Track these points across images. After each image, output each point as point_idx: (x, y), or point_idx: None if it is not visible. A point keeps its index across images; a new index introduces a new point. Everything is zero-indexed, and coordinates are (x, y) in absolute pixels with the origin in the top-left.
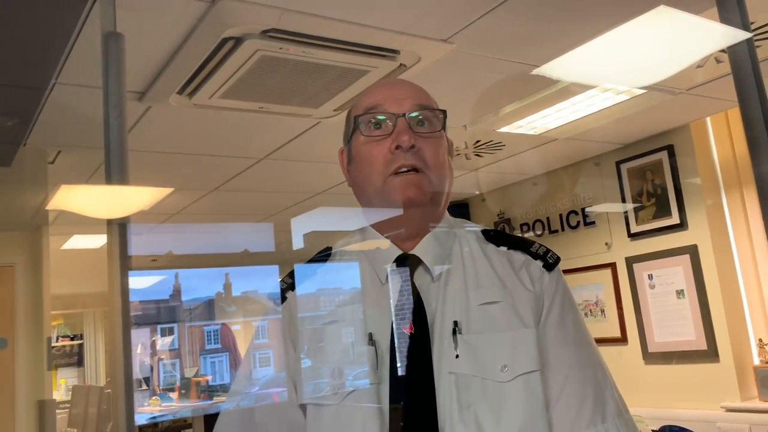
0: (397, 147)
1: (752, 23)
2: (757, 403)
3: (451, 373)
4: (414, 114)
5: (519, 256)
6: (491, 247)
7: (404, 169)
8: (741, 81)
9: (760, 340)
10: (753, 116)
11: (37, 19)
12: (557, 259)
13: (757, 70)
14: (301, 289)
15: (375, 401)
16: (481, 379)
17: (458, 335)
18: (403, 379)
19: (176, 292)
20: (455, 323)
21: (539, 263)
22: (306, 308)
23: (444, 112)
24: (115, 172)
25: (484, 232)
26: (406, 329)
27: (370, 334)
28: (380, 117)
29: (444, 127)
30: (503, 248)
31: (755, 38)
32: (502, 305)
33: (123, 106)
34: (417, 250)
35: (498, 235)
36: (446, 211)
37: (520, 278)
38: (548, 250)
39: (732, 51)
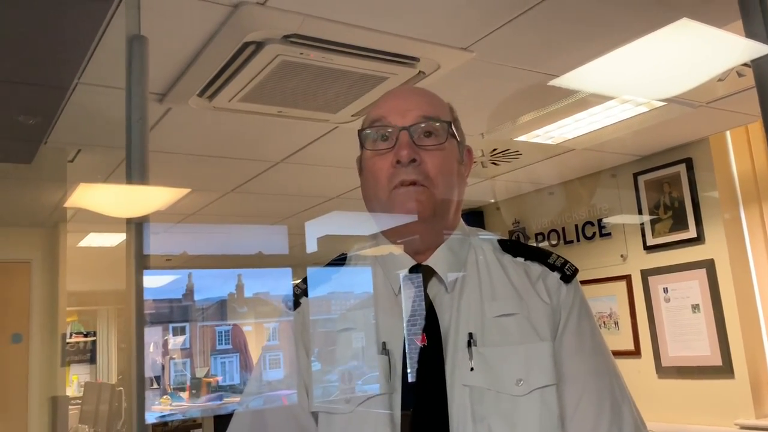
0: (398, 161)
1: None
2: None
3: (466, 386)
4: (417, 126)
5: (536, 268)
6: (507, 257)
7: (405, 184)
8: (765, 95)
9: None
10: None
11: (62, 20)
12: (575, 271)
13: None
14: (315, 295)
15: (387, 410)
16: (495, 393)
17: (473, 347)
18: (416, 389)
19: (189, 292)
20: (470, 335)
21: (557, 275)
22: (320, 315)
23: (449, 122)
24: (135, 172)
25: (501, 242)
26: (419, 340)
27: (384, 343)
28: (383, 131)
29: (454, 136)
30: (520, 259)
31: None
32: (518, 317)
33: (145, 109)
34: (430, 261)
35: (514, 246)
36: (461, 219)
37: (536, 290)
38: (566, 262)
39: (756, 65)
